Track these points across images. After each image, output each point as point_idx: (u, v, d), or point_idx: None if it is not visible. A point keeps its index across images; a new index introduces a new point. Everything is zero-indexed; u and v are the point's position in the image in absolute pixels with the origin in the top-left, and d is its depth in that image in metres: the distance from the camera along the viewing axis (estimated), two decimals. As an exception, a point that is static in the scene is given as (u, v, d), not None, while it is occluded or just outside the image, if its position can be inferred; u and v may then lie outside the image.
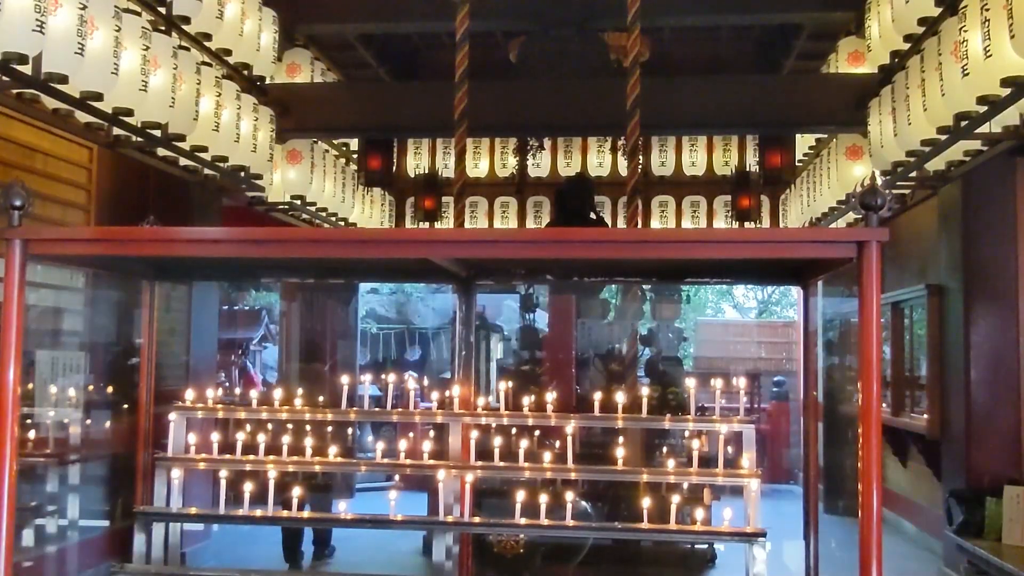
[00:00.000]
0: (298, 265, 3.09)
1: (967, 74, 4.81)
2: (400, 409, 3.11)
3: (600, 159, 10.42)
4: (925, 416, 7.62)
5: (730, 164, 10.05)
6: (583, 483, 4.42)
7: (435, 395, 3.41)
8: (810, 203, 8.77)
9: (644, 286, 9.14)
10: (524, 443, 3.30)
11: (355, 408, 3.11)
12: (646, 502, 2.90)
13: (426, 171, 10.65)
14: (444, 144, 10.84)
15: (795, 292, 14.31)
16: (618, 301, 8.91)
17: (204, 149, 6.20)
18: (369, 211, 10.33)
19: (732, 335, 14.42)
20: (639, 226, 10.91)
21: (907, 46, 6.04)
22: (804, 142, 9.16)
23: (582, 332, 8.80)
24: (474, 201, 10.97)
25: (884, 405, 8.88)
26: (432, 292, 15.93)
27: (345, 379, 3.12)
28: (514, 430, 3.22)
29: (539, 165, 10.56)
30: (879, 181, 2.45)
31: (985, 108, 4.87)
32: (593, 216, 9.64)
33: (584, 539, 4.45)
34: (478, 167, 10.67)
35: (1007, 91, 4.59)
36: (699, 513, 3.07)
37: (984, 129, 5.33)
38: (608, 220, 10.70)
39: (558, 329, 9.02)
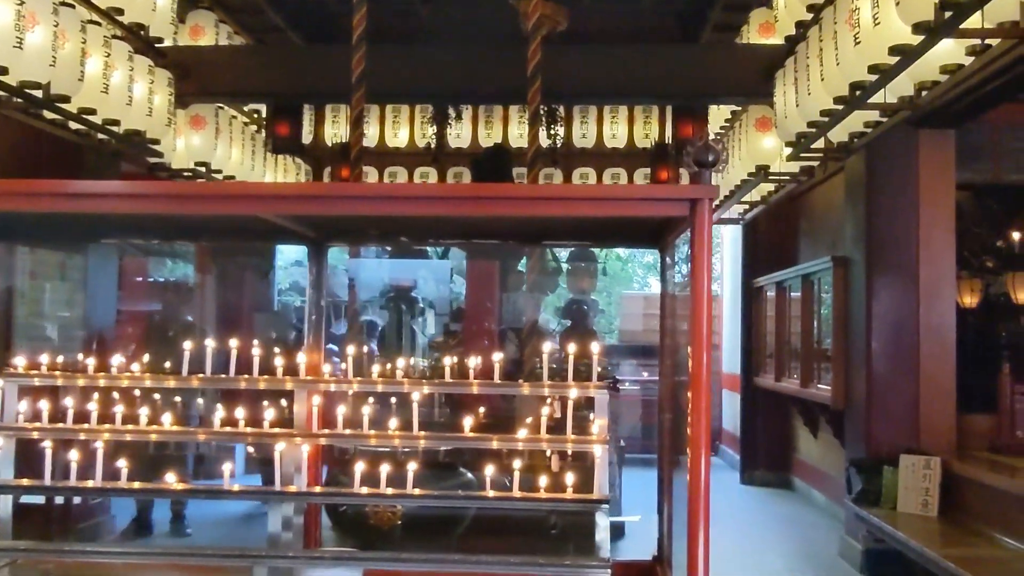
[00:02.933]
0: (135, 224, 2.95)
1: (859, 43, 4.80)
2: (246, 376, 2.99)
3: (520, 130, 10.27)
4: (830, 387, 7.69)
5: (650, 137, 10.02)
6: (467, 452, 4.34)
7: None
8: (723, 176, 8.78)
9: (559, 258, 9.11)
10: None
11: (199, 375, 2.98)
12: (489, 470, 2.82)
13: (344, 140, 10.47)
14: (364, 112, 10.66)
15: (718, 266, 14.39)
16: (532, 273, 8.83)
17: (92, 112, 5.97)
18: (283, 180, 10.13)
19: (655, 308, 14.33)
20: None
21: (810, 16, 6.02)
22: (720, 115, 9.15)
23: (496, 304, 8.73)
24: (393, 171, 10.78)
25: (794, 377, 8.97)
26: (359, 265, 15.70)
27: (188, 344, 3.00)
28: (373, 399, 3.13)
29: (459, 135, 10.43)
30: (711, 136, 2.39)
31: (876, 77, 4.86)
32: (511, 187, 9.59)
33: (467, 508, 4.39)
34: (397, 136, 10.48)
35: (895, 59, 4.59)
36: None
37: (879, 99, 5.35)
38: (528, 192, 10.65)
39: (473, 301, 8.95)
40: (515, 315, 8.58)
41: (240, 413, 2.93)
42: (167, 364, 3.34)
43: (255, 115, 9.18)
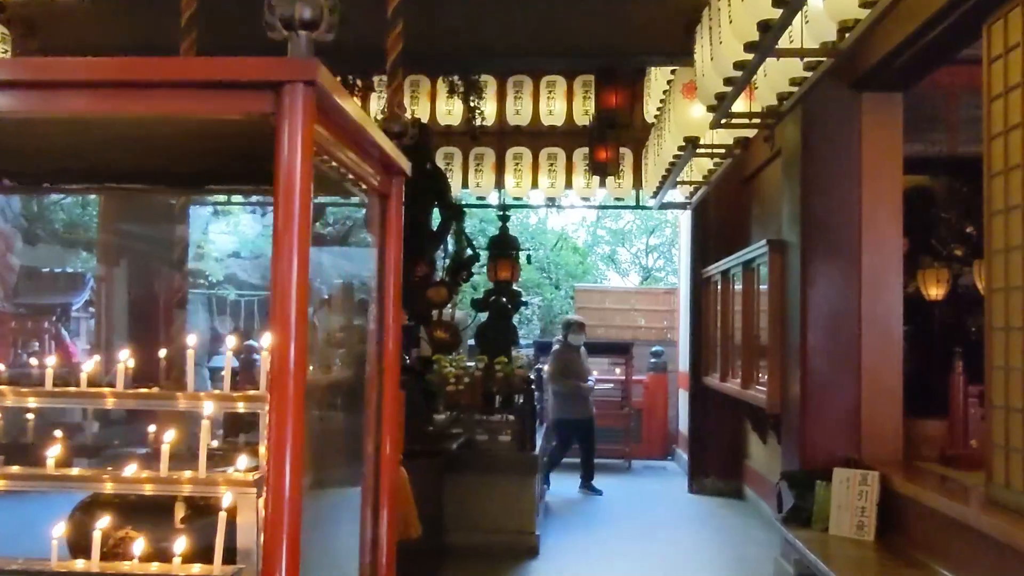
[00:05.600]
0: None
1: (758, -33, 3.93)
2: None
3: (450, 106, 9.41)
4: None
5: (590, 113, 9.14)
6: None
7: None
8: (659, 151, 7.90)
9: (477, 244, 8.23)
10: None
11: None
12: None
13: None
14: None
15: (676, 257, 13.52)
16: (448, 262, 7.96)
17: None
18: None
19: (611, 302, 13.54)
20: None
21: (728, -45, 5.13)
22: (658, 85, 8.26)
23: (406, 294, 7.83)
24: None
25: (738, 376, 8.08)
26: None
27: None
28: None
29: (382, 113, 9.56)
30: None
31: (781, 11, 3.98)
32: (429, 167, 8.69)
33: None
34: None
35: (796, -16, 3.71)
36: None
37: (795, 44, 4.47)
38: (459, 175, 9.76)
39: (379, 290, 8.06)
40: (425, 308, 7.68)
41: None
42: None
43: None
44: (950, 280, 8.03)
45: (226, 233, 14.46)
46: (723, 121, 5.85)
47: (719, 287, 8.94)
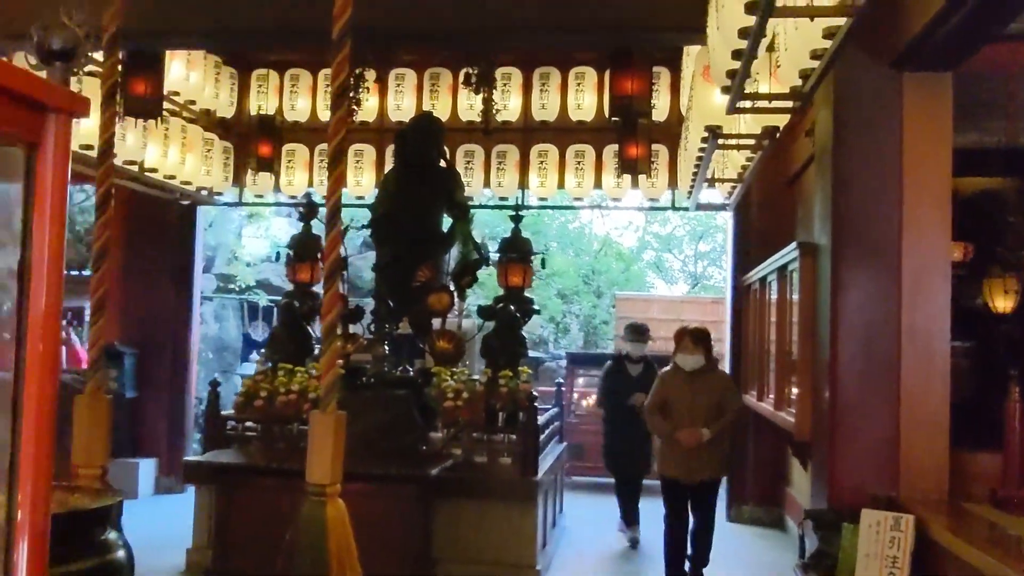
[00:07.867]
0: None
1: (748, -98, 3.21)
2: None
3: (471, 101, 8.80)
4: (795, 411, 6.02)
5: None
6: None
7: None
8: (687, 145, 7.16)
9: (485, 247, 7.58)
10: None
11: None
12: None
13: (267, 113, 9.20)
14: (292, 82, 9.33)
15: (725, 263, 12.71)
16: (451, 265, 7.34)
17: None
18: (191, 162, 8.79)
19: (656, 312, 12.73)
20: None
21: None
22: (687, 73, 7.52)
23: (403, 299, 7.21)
24: (326, 149, 9.43)
25: (772, 396, 7.27)
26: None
27: None
28: None
29: (400, 107, 9.02)
30: None
31: (778, -46, 3.26)
32: (443, 164, 8.09)
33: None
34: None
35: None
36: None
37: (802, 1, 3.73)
38: (480, 174, 9.12)
39: (380, 295, 7.46)
40: (426, 315, 7.06)
41: None
42: None
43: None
44: (1019, 291, 7.17)
45: (258, 237, 14.03)
46: (743, 105, 5.10)
47: (757, 296, 8.15)
